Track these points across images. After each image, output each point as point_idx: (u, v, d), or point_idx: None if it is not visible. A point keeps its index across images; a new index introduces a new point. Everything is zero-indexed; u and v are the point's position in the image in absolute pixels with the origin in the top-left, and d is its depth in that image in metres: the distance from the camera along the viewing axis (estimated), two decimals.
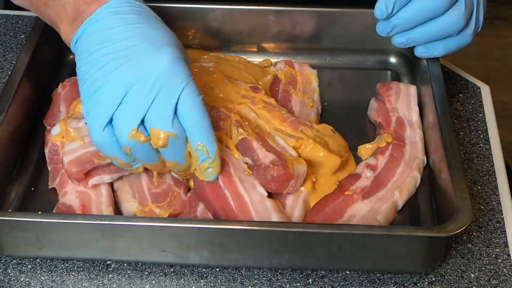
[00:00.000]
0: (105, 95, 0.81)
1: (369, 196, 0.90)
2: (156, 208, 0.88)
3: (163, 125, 0.80)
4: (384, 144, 0.96)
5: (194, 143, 0.83)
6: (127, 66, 0.81)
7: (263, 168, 0.88)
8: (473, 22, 0.98)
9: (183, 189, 0.90)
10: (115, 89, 0.81)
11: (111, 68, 0.81)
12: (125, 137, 0.81)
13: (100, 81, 0.81)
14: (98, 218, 0.82)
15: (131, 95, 0.80)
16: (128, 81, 0.80)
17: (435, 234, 0.80)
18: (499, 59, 2.62)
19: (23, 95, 0.97)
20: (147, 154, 0.83)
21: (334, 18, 1.10)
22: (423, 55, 1.00)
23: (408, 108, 1.01)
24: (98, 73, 0.82)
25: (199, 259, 0.84)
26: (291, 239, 0.82)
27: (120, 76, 0.81)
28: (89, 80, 0.82)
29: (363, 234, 0.81)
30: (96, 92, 0.81)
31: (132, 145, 0.81)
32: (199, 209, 0.88)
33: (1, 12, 1.21)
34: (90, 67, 0.83)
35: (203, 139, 0.83)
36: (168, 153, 0.83)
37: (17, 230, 0.83)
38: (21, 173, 0.95)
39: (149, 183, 0.90)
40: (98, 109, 0.81)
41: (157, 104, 0.80)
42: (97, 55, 0.83)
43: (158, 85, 0.80)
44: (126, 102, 0.80)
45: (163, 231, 0.82)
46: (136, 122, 0.80)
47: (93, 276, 0.85)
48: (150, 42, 0.83)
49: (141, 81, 0.80)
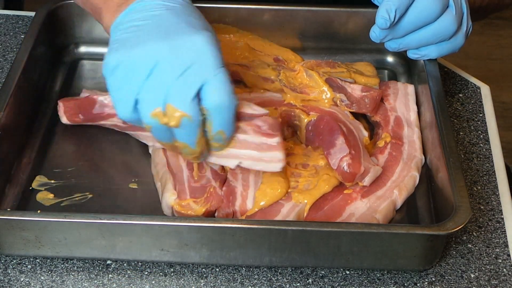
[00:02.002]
0: (134, 70, 0.80)
1: (368, 195, 0.91)
2: (193, 203, 0.88)
3: (180, 104, 0.79)
4: (383, 144, 0.96)
5: (215, 129, 0.82)
6: (162, 39, 0.80)
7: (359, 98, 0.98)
8: (464, 25, 0.98)
9: (219, 183, 0.90)
10: (144, 64, 0.79)
11: (144, 39, 0.80)
12: (147, 116, 0.80)
13: (127, 55, 0.80)
14: (97, 217, 0.82)
15: (158, 71, 0.79)
16: (155, 57, 0.79)
17: (433, 232, 0.81)
18: (499, 59, 2.62)
19: (21, 94, 0.97)
20: (164, 135, 0.82)
21: (330, 17, 1.10)
22: (415, 58, 1.01)
23: (407, 107, 1.01)
24: (130, 42, 0.81)
25: (198, 257, 0.84)
26: (289, 237, 0.82)
27: (149, 50, 0.80)
28: (122, 63, 0.81)
29: (361, 232, 0.81)
30: (122, 67, 0.80)
31: (152, 124, 0.81)
32: (237, 202, 0.88)
33: (1, 12, 1.21)
34: (122, 39, 0.82)
35: (224, 127, 0.82)
36: (180, 134, 0.82)
37: (16, 229, 0.83)
38: (19, 172, 0.95)
39: (189, 176, 0.91)
40: (127, 85, 0.80)
41: (182, 81, 0.79)
42: (135, 28, 0.82)
43: (189, 62, 0.79)
44: (152, 78, 0.79)
45: (162, 230, 0.82)
46: (160, 101, 0.79)
47: (93, 276, 0.85)
48: (191, 25, 0.82)
49: (172, 55, 0.79)
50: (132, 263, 0.86)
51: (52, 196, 0.92)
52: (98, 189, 0.94)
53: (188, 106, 0.79)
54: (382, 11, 0.93)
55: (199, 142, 0.83)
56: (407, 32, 0.97)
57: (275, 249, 0.83)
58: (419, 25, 0.96)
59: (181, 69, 0.79)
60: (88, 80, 1.11)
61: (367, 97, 0.99)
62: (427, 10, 0.94)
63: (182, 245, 0.83)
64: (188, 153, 0.84)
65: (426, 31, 0.97)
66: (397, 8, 0.93)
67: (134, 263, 0.86)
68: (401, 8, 0.93)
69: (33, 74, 1.02)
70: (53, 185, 0.94)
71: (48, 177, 0.95)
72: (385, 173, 0.93)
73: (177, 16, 0.83)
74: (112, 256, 0.85)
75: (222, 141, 0.84)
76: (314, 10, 1.10)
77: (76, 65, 1.12)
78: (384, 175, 0.93)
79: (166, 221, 0.82)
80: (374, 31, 0.97)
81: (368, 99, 0.99)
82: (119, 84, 0.81)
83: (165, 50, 0.79)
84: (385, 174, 0.93)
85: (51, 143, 1.00)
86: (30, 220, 0.82)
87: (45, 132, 1.01)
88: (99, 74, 1.11)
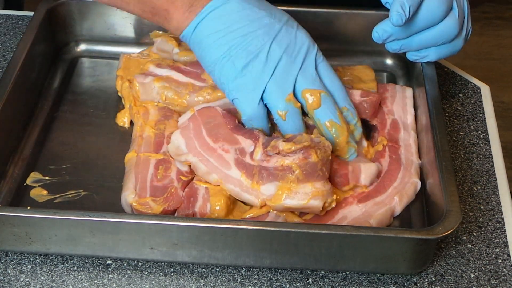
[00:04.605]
0: (258, 69, 0.89)
1: (366, 200, 0.90)
2: (152, 201, 0.88)
3: (313, 84, 0.90)
4: (381, 148, 0.96)
5: (341, 105, 0.92)
6: (274, 41, 0.89)
7: None
8: (465, 28, 0.98)
9: (181, 184, 0.90)
10: (268, 62, 0.89)
11: (257, 45, 0.89)
12: (281, 102, 0.89)
13: (247, 58, 0.89)
14: (86, 215, 0.82)
15: (282, 65, 0.89)
16: (277, 54, 0.89)
17: (422, 236, 0.80)
18: (499, 59, 2.62)
19: (18, 91, 0.97)
20: (297, 121, 0.90)
21: (330, 19, 1.10)
22: (415, 60, 1.01)
23: (404, 110, 1.01)
24: (243, 52, 0.89)
25: (187, 257, 0.84)
26: (277, 239, 0.82)
27: (271, 50, 0.89)
28: (231, 59, 0.89)
29: (349, 235, 0.81)
30: (245, 68, 0.89)
31: (288, 108, 0.89)
32: (198, 204, 0.88)
33: (1, 12, 1.22)
34: (227, 47, 0.89)
35: (346, 103, 0.93)
36: (322, 113, 0.90)
37: (7, 225, 0.83)
38: (14, 168, 0.95)
39: (153, 175, 0.91)
40: (252, 82, 0.89)
41: (304, 69, 0.90)
42: (235, 35, 0.89)
43: (303, 53, 0.90)
44: (277, 72, 0.89)
45: (151, 229, 0.82)
46: (290, 88, 0.89)
47: (93, 276, 0.85)
48: (282, 21, 0.91)
49: (288, 53, 0.90)
50: (132, 263, 0.86)
51: (45, 192, 0.93)
52: (92, 186, 0.94)
53: (319, 85, 0.90)
54: (396, 7, 0.91)
55: (341, 117, 0.91)
56: (411, 33, 0.96)
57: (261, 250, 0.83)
58: (424, 27, 0.95)
59: (300, 60, 0.90)
60: (87, 77, 1.11)
61: (366, 102, 0.98)
62: (434, 11, 0.94)
63: (171, 244, 0.83)
64: (338, 133, 0.91)
65: (430, 33, 0.96)
66: (410, 5, 0.91)
67: (134, 263, 0.86)
68: (414, 5, 0.91)
69: (31, 70, 1.02)
70: (47, 181, 0.94)
71: (43, 173, 0.95)
72: (387, 178, 0.93)
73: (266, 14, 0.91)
74: (101, 254, 0.86)
75: (353, 120, 0.93)
76: (313, 12, 1.10)
77: (75, 63, 1.13)
78: (386, 179, 0.92)
79: (155, 220, 0.82)
80: (377, 32, 0.96)
81: (367, 104, 0.98)
82: (239, 85, 0.89)
83: (280, 52, 0.89)
84: (388, 179, 0.92)
85: (47, 140, 1.00)
86: (19, 216, 0.83)
87: (41, 129, 1.01)
88: (98, 72, 1.12)
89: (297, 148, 0.85)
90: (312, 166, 0.85)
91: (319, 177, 0.85)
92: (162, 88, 0.99)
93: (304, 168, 0.85)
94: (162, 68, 1.02)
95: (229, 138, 0.90)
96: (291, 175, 0.85)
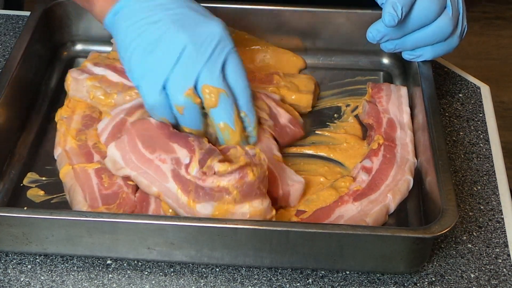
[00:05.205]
0: (161, 57, 0.85)
1: (360, 198, 0.90)
2: (106, 210, 0.87)
3: (214, 82, 0.85)
4: (376, 146, 0.96)
5: (240, 109, 0.88)
6: (182, 29, 0.86)
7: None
8: (459, 26, 0.98)
9: (131, 189, 0.90)
10: (171, 50, 0.85)
11: (164, 31, 0.86)
12: (180, 96, 0.85)
13: (153, 44, 0.86)
14: (82, 215, 0.82)
15: (186, 55, 0.85)
16: (182, 42, 0.85)
17: (419, 235, 0.80)
18: (499, 59, 2.62)
19: (14, 91, 0.97)
20: (195, 117, 0.88)
21: (327, 18, 1.10)
22: (410, 59, 1.01)
23: (399, 110, 1.01)
24: (150, 38, 0.86)
25: (185, 257, 0.84)
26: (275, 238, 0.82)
27: (175, 38, 0.86)
28: (139, 46, 0.86)
29: (347, 234, 0.81)
30: (150, 55, 0.86)
31: (185, 104, 0.86)
32: (151, 208, 0.88)
33: (1, 12, 1.21)
34: (137, 34, 0.87)
35: (246, 107, 0.89)
36: (218, 113, 0.87)
37: (4, 226, 0.83)
38: (11, 168, 0.95)
39: (99, 184, 0.90)
40: (154, 71, 0.86)
41: (209, 63, 0.85)
42: (146, 22, 0.87)
43: (212, 46, 0.86)
44: (181, 62, 0.85)
45: (147, 228, 0.82)
46: (191, 81, 0.85)
47: (93, 276, 0.85)
48: (200, 13, 0.89)
49: (195, 43, 0.85)
50: (132, 263, 0.86)
51: (42, 193, 0.92)
52: None
53: (221, 83, 0.86)
54: (388, 7, 0.91)
55: (237, 122, 0.88)
56: (405, 33, 0.97)
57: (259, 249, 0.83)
58: (417, 26, 0.96)
59: (207, 54, 0.85)
60: None
61: (289, 129, 0.97)
62: (427, 11, 0.94)
63: (169, 244, 0.83)
64: (230, 137, 0.88)
65: (424, 32, 0.96)
66: (403, 6, 0.91)
67: (134, 263, 0.86)
68: (406, 6, 0.92)
69: (28, 70, 1.02)
70: (44, 182, 0.94)
71: (40, 174, 0.95)
72: (379, 177, 0.93)
73: (186, 5, 0.89)
74: (98, 254, 0.86)
75: (249, 127, 0.89)
76: (310, 11, 1.10)
77: (72, 63, 1.12)
78: (378, 178, 0.93)
79: (151, 220, 0.82)
80: (371, 32, 0.96)
81: (289, 131, 0.97)
82: (143, 72, 0.86)
83: (187, 41, 0.85)
84: (380, 178, 0.93)
85: (44, 140, 1.00)
86: (16, 216, 0.83)
87: (38, 129, 1.01)
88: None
89: (233, 169, 0.83)
90: (249, 185, 0.83)
91: (257, 195, 0.84)
92: (92, 87, 0.99)
93: (241, 188, 0.83)
94: (99, 67, 1.02)
95: (165, 147, 0.88)
96: (228, 196, 0.83)
